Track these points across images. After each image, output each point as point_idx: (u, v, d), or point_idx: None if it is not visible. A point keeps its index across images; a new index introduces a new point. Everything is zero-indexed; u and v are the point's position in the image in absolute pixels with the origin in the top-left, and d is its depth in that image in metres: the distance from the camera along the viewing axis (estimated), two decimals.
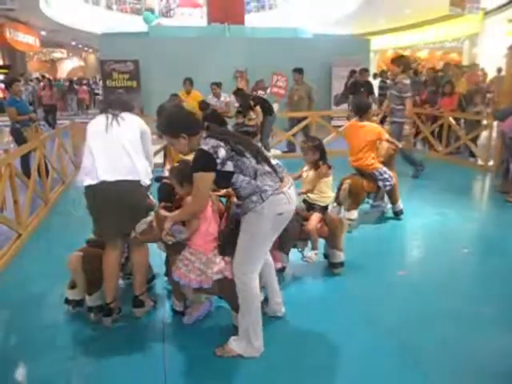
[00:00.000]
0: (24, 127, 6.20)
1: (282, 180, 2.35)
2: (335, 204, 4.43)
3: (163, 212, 2.54)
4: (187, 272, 2.51)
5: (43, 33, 23.28)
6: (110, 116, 2.73)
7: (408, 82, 5.67)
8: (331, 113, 10.97)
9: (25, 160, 5.85)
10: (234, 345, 2.47)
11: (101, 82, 15.64)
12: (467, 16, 16.59)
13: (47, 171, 5.78)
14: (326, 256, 3.62)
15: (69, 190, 6.05)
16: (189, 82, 7.57)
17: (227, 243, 2.54)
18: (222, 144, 2.23)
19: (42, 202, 5.22)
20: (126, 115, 2.79)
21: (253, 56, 10.27)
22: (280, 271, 3.37)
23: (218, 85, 7.46)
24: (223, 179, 2.29)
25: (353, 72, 8.89)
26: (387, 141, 4.46)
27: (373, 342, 2.62)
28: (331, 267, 3.52)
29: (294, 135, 7.97)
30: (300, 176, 3.60)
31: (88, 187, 2.62)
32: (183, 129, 2.32)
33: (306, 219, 3.42)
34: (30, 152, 5.55)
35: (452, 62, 16.36)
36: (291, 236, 3.35)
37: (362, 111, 4.47)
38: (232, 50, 10.55)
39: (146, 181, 2.74)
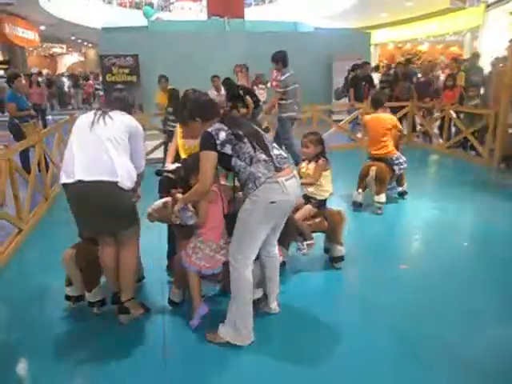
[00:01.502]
0: (23, 123, 6.19)
1: (278, 170, 2.36)
2: (360, 190, 4.84)
3: (178, 195, 2.65)
4: (198, 260, 2.57)
5: (42, 27, 23.19)
6: (98, 113, 2.63)
7: (283, 77, 5.70)
8: (331, 107, 10.94)
9: (25, 155, 5.85)
10: (223, 331, 2.52)
11: (100, 77, 15.65)
12: (468, 9, 16.52)
13: (47, 166, 5.78)
14: (326, 250, 3.62)
15: None
16: (164, 80, 7.51)
17: (230, 226, 2.55)
18: (224, 128, 2.34)
19: (42, 197, 5.23)
20: (115, 114, 2.65)
21: (253, 50, 10.23)
22: (280, 266, 3.37)
23: (219, 77, 7.43)
24: (223, 161, 2.37)
25: (355, 66, 8.83)
26: (399, 130, 5.07)
27: (373, 337, 2.62)
28: (331, 261, 3.52)
29: None
30: (298, 172, 3.58)
31: (64, 185, 2.52)
32: (197, 113, 2.45)
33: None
34: (28, 147, 5.55)
35: (447, 56, 16.29)
36: (290, 230, 3.36)
37: (378, 104, 4.99)
38: (232, 44, 10.52)
39: (125, 183, 2.53)
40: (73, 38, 28.57)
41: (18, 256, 3.87)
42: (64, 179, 2.50)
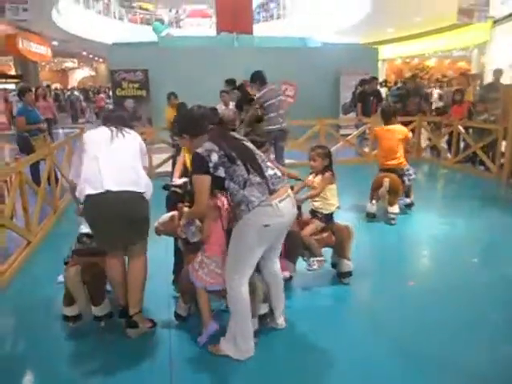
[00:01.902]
0: (33, 137, 6.28)
1: (272, 192, 2.32)
2: (374, 202, 4.94)
3: (185, 209, 2.66)
4: (204, 275, 2.57)
5: (55, 43, 23.64)
6: (114, 129, 2.76)
7: (259, 94, 5.88)
8: (339, 121, 10.97)
9: (35, 168, 5.92)
10: (224, 346, 2.52)
11: (110, 92, 15.87)
12: (476, 25, 16.61)
13: (57, 179, 5.83)
14: (333, 265, 3.59)
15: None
16: (173, 97, 7.62)
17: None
18: (216, 149, 2.30)
19: (51, 209, 5.27)
20: (127, 130, 2.82)
21: (261, 65, 10.29)
22: (287, 280, 3.36)
23: (227, 92, 7.49)
24: (217, 183, 2.35)
25: (363, 81, 8.88)
26: (409, 142, 5.21)
27: (379, 354, 2.58)
28: (339, 277, 3.49)
29: None
30: (304, 186, 3.58)
31: (90, 196, 2.54)
32: (183, 130, 2.49)
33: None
34: (39, 160, 5.62)
35: (455, 71, 16.33)
36: (297, 245, 3.34)
37: (387, 116, 5.09)
38: (240, 59, 10.62)
39: (148, 194, 2.70)
40: (84, 52, 29.11)
41: (27, 268, 3.89)
42: (89, 190, 2.52)
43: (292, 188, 3.31)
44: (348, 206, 5.33)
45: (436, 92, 13.27)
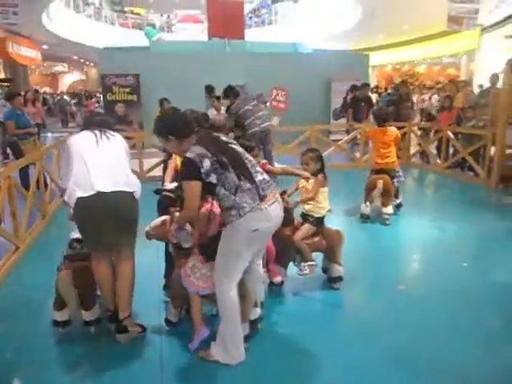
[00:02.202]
0: (22, 141, 6.22)
1: (263, 198, 2.32)
2: (368, 203, 5.06)
3: (176, 213, 2.64)
4: (196, 280, 2.54)
5: (45, 47, 23.49)
6: (98, 132, 2.75)
7: (232, 107, 6.35)
8: (330, 127, 11.03)
9: (24, 173, 5.86)
10: (214, 351, 2.51)
11: (101, 96, 15.78)
12: (465, 32, 16.86)
13: (46, 184, 5.78)
14: (324, 270, 3.59)
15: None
16: (166, 102, 7.63)
17: (210, 249, 2.51)
18: (208, 154, 2.25)
19: (40, 214, 5.21)
20: (111, 132, 2.82)
21: (252, 70, 10.38)
22: (278, 285, 3.35)
23: (218, 98, 7.51)
24: (207, 189, 2.31)
25: (353, 87, 8.95)
26: (399, 141, 5.47)
27: (371, 358, 2.58)
28: (329, 282, 3.49)
29: None
30: (297, 189, 3.58)
31: (80, 199, 2.51)
32: (169, 131, 2.36)
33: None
34: (28, 165, 5.56)
35: (445, 77, 16.54)
36: (288, 249, 3.34)
37: (381, 118, 5.38)
38: (232, 64, 10.65)
39: (138, 193, 2.74)
40: (75, 57, 28.98)
41: (15, 274, 3.83)
42: (80, 193, 2.51)
43: (285, 192, 3.34)
44: (341, 210, 5.36)
45: (434, 98, 13.34)
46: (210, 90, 8.02)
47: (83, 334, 2.83)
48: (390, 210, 4.99)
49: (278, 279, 3.27)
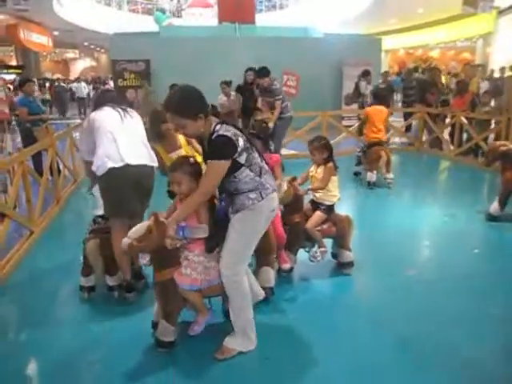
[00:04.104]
0: (34, 127, 6.27)
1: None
2: (375, 172, 5.89)
3: (162, 217, 2.31)
4: (198, 275, 2.39)
5: (56, 33, 23.56)
6: (121, 110, 3.00)
7: (278, 85, 6.35)
8: (342, 112, 10.93)
9: (37, 159, 5.93)
10: (232, 343, 2.46)
11: (111, 82, 15.71)
12: (480, 15, 16.44)
13: (59, 170, 5.84)
14: (334, 256, 3.61)
15: (81, 187, 6.10)
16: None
17: (215, 239, 2.42)
18: (239, 133, 2.21)
19: (53, 199, 5.29)
20: (132, 111, 3.09)
21: (263, 55, 10.27)
22: (288, 272, 3.38)
23: (228, 83, 7.47)
24: (229, 171, 2.19)
25: (365, 72, 8.83)
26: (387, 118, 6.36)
27: (379, 344, 2.60)
28: (341, 267, 3.51)
29: None
30: (307, 177, 3.58)
31: (111, 169, 2.76)
32: (201, 108, 2.18)
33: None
34: (41, 151, 5.63)
35: (459, 62, 16.22)
36: (299, 237, 3.35)
37: (379, 98, 6.33)
38: (242, 49, 10.56)
39: (155, 167, 3.01)
40: (85, 43, 29.00)
41: (30, 257, 3.91)
42: (111, 164, 2.76)
43: (295, 178, 3.34)
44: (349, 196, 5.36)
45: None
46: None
47: (98, 312, 2.93)
48: (391, 175, 5.90)
49: (286, 266, 3.28)
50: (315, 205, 3.47)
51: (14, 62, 22.78)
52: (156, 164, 2.98)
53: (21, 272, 3.65)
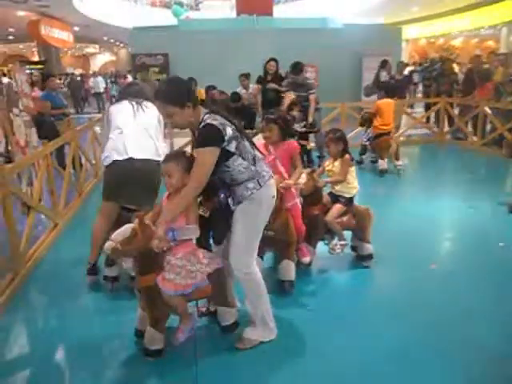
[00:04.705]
0: (57, 121, 6.40)
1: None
2: (385, 159, 6.23)
3: (147, 220, 2.23)
4: (182, 280, 2.24)
5: (76, 28, 23.84)
6: (135, 103, 3.09)
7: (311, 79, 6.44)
8: (361, 104, 10.78)
9: (60, 153, 6.04)
10: (253, 334, 2.49)
11: (130, 76, 15.83)
12: (505, 1, 15.93)
13: (81, 163, 5.95)
14: (353, 248, 3.59)
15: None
16: (194, 83, 7.65)
17: (222, 230, 2.40)
18: (227, 123, 2.20)
19: (76, 192, 5.40)
20: (147, 103, 3.16)
21: (282, 47, 10.20)
22: (307, 265, 3.38)
23: (247, 76, 7.45)
24: (220, 160, 2.17)
25: (384, 62, 8.70)
26: None
27: (399, 336, 2.59)
28: (360, 260, 3.49)
29: None
30: (323, 171, 3.56)
31: (115, 161, 2.97)
32: (188, 97, 2.18)
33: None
34: (63, 145, 5.73)
35: (483, 50, 15.74)
36: (318, 229, 3.34)
37: (390, 91, 6.66)
38: (261, 41, 10.50)
39: None
40: (105, 38, 29.28)
41: (54, 249, 4.01)
42: (116, 156, 2.96)
43: (314, 171, 3.33)
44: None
45: None
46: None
47: (120, 307, 2.97)
48: (401, 162, 6.26)
49: (306, 260, 3.27)
50: (334, 197, 3.45)
51: (36, 58, 23.21)
52: (161, 159, 2.92)
53: (46, 262, 3.75)
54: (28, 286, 3.35)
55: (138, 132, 3.03)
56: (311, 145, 6.48)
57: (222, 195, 2.33)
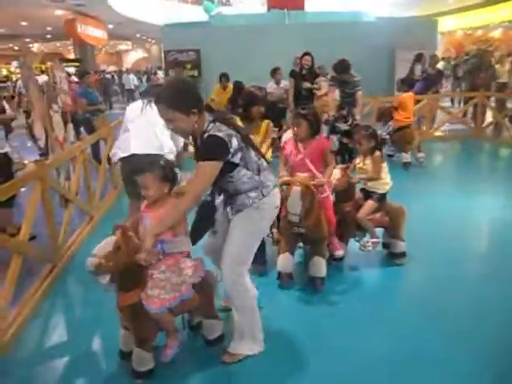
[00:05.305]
0: (93, 116, 6.58)
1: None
2: (409, 153, 6.32)
3: (130, 232, 2.07)
4: (166, 294, 2.10)
5: (110, 26, 24.34)
6: (146, 101, 3.20)
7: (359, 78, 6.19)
8: (394, 99, 10.55)
9: (95, 148, 6.22)
10: (240, 348, 2.34)
11: (160, 72, 16.07)
12: None
13: None
14: (385, 245, 3.54)
15: None
16: (225, 79, 7.70)
17: (196, 229, 2.30)
18: (234, 132, 2.02)
19: (111, 186, 5.55)
20: None
21: (313, 41, 10.08)
22: (338, 261, 3.36)
23: (279, 70, 7.43)
24: (224, 171, 2.03)
25: (419, 55, 8.48)
26: None
27: (430, 336, 2.54)
28: (392, 257, 3.44)
29: None
30: (354, 168, 3.51)
31: (121, 159, 3.23)
32: (195, 103, 2.00)
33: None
34: (99, 140, 5.90)
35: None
36: (349, 226, 3.31)
37: (410, 85, 6.74)
38: (292, 36, 10.43)
39: (170, 156, 3.11)
40: (138, 35, 29.76)
41: (90, 241, 4.12)
42: (121, 154, 3.20)
43: (348, 167, 3.30)
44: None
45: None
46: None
47: None
48: (422, 153, 6.44)
49: (339, 253, 3.26)
50: (367, 193, 3.40)
51: (72, 56, 23.90)
52: (165, 151, 3.11)
53: (82, 254, 3.86)
54: (65, 276, 3.48)
55: (142, 128, 3.17)
56: None
57: (209, 198, 2.26)
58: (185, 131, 2.07)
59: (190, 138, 2.25)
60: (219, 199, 2.33)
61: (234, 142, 2.00)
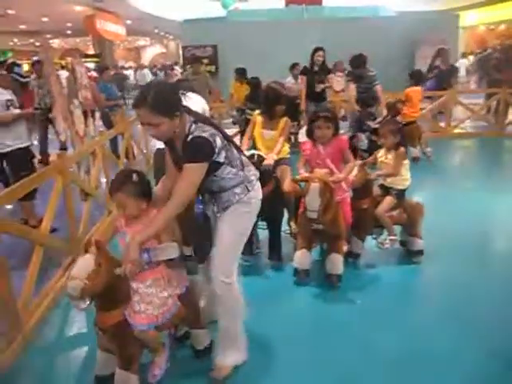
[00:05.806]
0: (112, 111, 6.66)
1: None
2: (418, 147, 6.35)
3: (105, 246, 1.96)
4: (154, 310, 1.99)
5: (128, 22, 24.53)
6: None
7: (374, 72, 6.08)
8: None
9: (114, 142, 6.30)
10: (228, 360, 2.24)
11: (177, 67, 16.12)
12: None
13: (133, 153, 6.17)
14: (402, 243, 3.50)
15: None
16: (240, 74, 7.74)
17: (200, 246, 2.27)
18: (216, 132, 1.99)
19: None
20: (191, 94, 3.21)
21: (331, 37, 10.01)
22: (354, 258, 3.34)
23: (296, 65, 7.38)
24: (209, 171, 1.99)
25: (440, 50, 8.35)
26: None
27: (449, 338, 2.51)
28: (410, 255, 3.41)
29: None
30: (375, 161, 3.48)
31: (158, 149, 3.34)
32: (177, 106, 1.94)
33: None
34: (117, 135, 5.98)
35: None
36: (366, 223, 3.29)
37: (418, 79, 6.58)
38: (310, 31, 10.36)
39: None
40: (156, 30, 29.92)
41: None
42: (158, 145, 3.26)
43: (365, 163, 3.27)
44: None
45: None
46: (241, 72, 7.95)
47: None
48: (429, 148, 6.48)
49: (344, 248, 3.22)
50: (385, 189, 3.36)
51: (91, 51, 24.16)
52: None
53: None
54: None
55: None
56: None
57: (200, 206, 2.22)
58: (167, 135, 1.97)
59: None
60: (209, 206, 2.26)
61: (218, 142, 1.96)
